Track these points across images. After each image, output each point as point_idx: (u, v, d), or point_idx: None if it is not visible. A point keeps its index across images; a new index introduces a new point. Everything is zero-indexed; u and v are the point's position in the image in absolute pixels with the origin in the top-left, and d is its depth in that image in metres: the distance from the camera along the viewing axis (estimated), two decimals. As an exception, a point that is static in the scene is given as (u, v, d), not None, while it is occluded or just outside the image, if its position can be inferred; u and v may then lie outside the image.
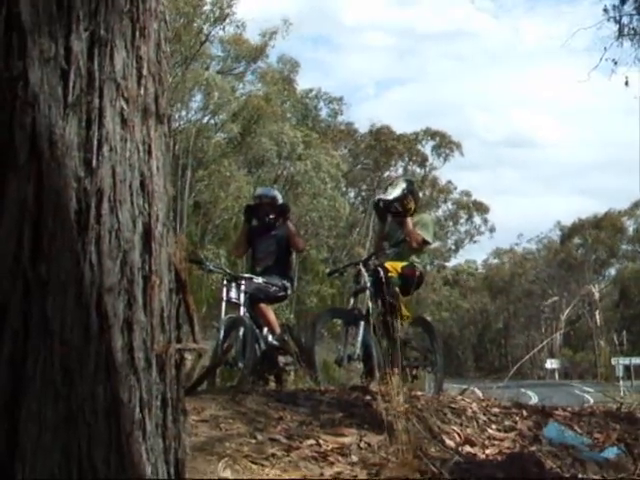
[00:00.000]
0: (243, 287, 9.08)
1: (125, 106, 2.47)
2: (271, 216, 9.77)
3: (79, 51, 2.40)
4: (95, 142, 2.38)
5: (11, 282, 2.27)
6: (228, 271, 10.20)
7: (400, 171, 64.41)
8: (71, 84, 2.38)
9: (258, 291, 9.23)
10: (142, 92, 2.53)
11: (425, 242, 9.59)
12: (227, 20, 44.68)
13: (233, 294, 9.07)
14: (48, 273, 2.28)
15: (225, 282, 9.31)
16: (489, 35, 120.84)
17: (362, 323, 8.50)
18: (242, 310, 8.91)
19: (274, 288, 9.46)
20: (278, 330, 9.21)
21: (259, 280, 9.29)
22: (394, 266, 9.12)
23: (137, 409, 2.36)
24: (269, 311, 9.40)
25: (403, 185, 9.71)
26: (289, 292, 9.96)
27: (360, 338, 8.47)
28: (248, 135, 48.46)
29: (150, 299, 2.44)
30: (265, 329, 9.19)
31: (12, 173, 2.31)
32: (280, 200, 10.24)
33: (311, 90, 59.87)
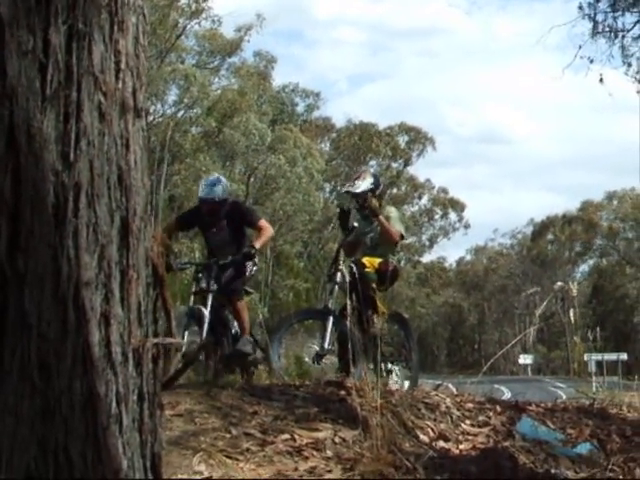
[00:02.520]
0: (214, 274, 8.87)
1: (103, 100, 2.46)
2: (219, 215, 9.31)
3: (57, 44, 2.39)
4: (73, 136, 2.38)
5: (-13, 275, 2.26)
6: (197, 262, 10.11)
7: (376, 167, 64.44)
8: (49, 77, 2.37)
9: (232, 280, 9.08)
10: (120, 86, 2.53)
11: (401, 237, 9.56)
12: (203, 15, 44.57)
13: (203, 283, 8.91)
14: (25, 267, 2.27)
15: (196, 274, 9.17)
16: (461, 32, 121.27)
17: (330, 318, 8.50)
18: (210, 299, 8.77)
19: (248, 268, 9.32)
20: (247, 333, 9.14)
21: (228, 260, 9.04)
22: (370, 262, 9.08)
23: (114, 403, 2.36)
24: (245, 311, 9.36)
25: (370, 179, 9.60)
26: (257, 261, 9.67)
27: (329, 333, 8.48)
28: (222, 129, 48.40)
29: (127, 293, 2.44)
30: (235, 324, 9.17)
31: (-11, 166, 2.30)
32: (223, 194, 9.47)
33: (288, 85, 59.90)
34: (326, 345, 8.41)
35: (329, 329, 8.48)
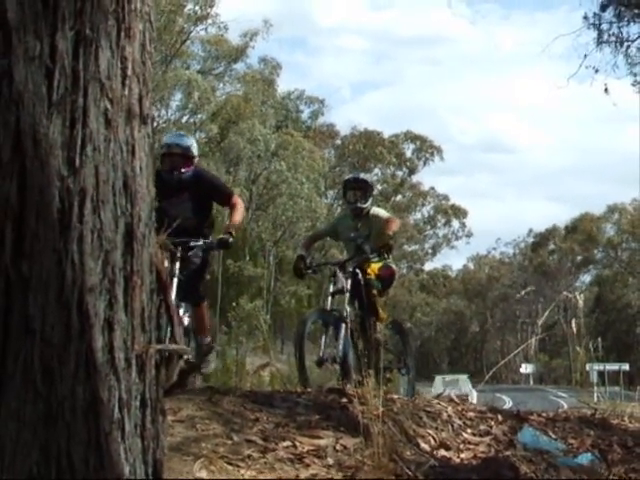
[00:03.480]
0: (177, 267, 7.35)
1: (109, 106, 2.47)
2: (182, 170, 7.92)
3: (64, 50, 2.40)
4: (79, 142, 2.38)
5: (-8, 280, 2.27)
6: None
7: (380, 174, 64.56)
8: (56, 83, 2.38)
9: (194, 275, 7.75)
10: (126, 92, 2.53)
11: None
12: (209, 20, 44.66)
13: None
14: (30, 271, 2.28)
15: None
16: (465, 41, 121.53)
17: (343, 325, 8.32)
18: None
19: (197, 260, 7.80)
20: (208, 337, 8.12)
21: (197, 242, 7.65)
22: (372, 268, 8.98)
23: (116, 409, 2.36)
24: (206, 314, 8.25)
25: (370, 198, 9.53)
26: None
27: (342, 340, 8.30)
28: (227, 135, 48.50)
29: (131, 299, 2.44)
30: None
31: (-5, 171, 2.31)
32: (196, 152, 8.30)
33: (293, 91, 60.04)
34: (340, 352, 8.23)
35: (342, 336, 8.33)
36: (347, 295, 8.66)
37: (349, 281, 8.74)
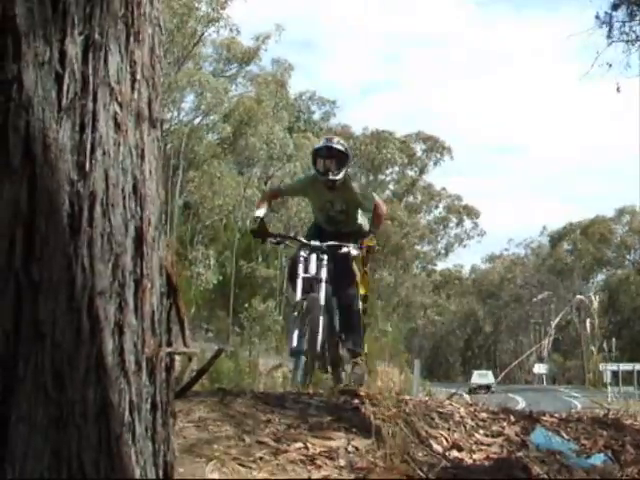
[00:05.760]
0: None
1: (119, 110, 2.48)
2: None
3: (74, 55, 2.41)
4: (88, 146, 2.39)
5: (3, 284, 2.27)
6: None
7: (392, 175, 64.51)
8: (65, 88, 2.39)
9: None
10: (136, 96, 2.54)
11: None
12: (221, 22, 44.78)
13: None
14: (40, 276, 2.28)
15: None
16: (476, 41, 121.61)
17: (321, 317, 7.68)
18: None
19: None
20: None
21: None
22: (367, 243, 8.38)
23: (127, 412, 2.37)
24: None
25: (344, 169, 8.51)
26: None
27: (321, 330, 7.66)
28: (239, 136, 48.60)
29: (141, 302, 2.45)
30: None
31: (5, 175, 2.31)
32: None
33: (305, 92, 60.11)
34: (319, 344, 7.65)
35: (322, 326, 7.68)
36: (322, 284, 7.93)
37: (324, 270, 8.02)
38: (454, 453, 5.28)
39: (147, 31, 2.61)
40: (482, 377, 69.70)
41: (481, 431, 5.84)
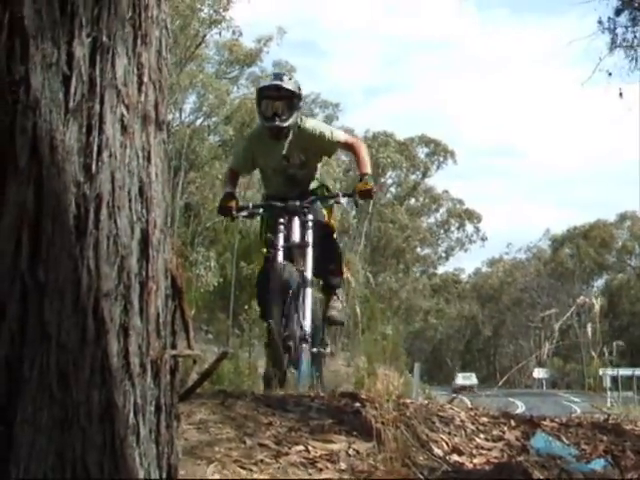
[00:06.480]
0: None
1: (125, 112, 2.48)
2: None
3: (81, 57, 2.42)
4: (95, 148, 2.40)
5: (9, 286, 2.28)
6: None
7: (394, 177, 64.50)
8: (72, 90, 2.40)
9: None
10: (142, 99, 2.55)
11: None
12: (223, 24, 44.83)
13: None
14: (46, 277, 2.29)
15: None
16: (476, 45, 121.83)
17: (309, 291, 6.88)
18: None
19: None
20: None
21: None
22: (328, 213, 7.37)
23: (131, 414, 2.37)
24: None
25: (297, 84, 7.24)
26: None
27: (308, 312, 6.81)
28: (241, 138, 48.63)
29: (146, 305, 2.45)
30: None
31: (12, 176, 2.33)
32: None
33: (308, 95, 60.14)
34: (307, 328, 6.82)
35: (308, 306, 6.88)
36: (309, 250, 6.99)
37: (310, 232, 7.02)
38: (454, 457, 5.28)
39: (154, 34, 2.62)
40: (466, 379, 74.36)
41: (482, 435, 5.83)
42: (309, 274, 6.84)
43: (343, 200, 7.29)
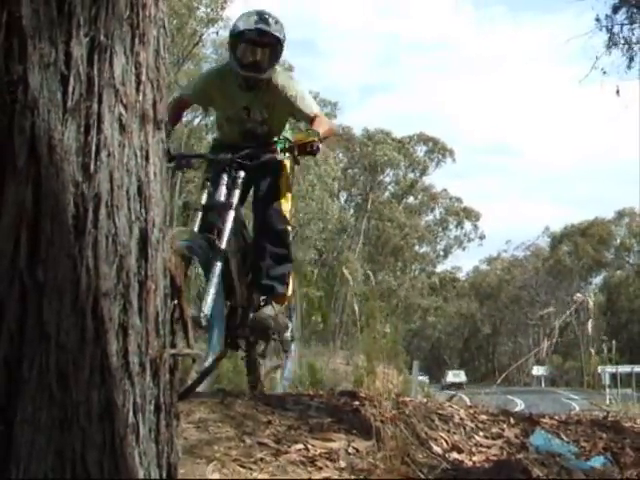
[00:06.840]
0: None
1: (124, 112, 2.48)
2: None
3: (79, 56, 2.42)
4: (93, 147, 2.40)
5: (8, 285, 2.28)
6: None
7: (392, 176, 64.49)
8: (70, 89, 2.39)
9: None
10: (140, 98, 2.55)
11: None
12: (221, 23, 44.78)
13: None
14: (45, 277, 2.29)
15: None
16: (473, 44, 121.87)
17: (218, 265, 5.93)
18: None
19: None
20: None
21: None
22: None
23: (131, 413, 2.37)
24: None
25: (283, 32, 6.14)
26: None
27: (212, 290, 5.93)
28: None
29: (145, 304, 2.45)
30: None
31: (11, 176, 2.32)
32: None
33: (307, 93, 60.17)
34: (207, 311, 5.96)
35: (215, 283, 5.97)
36: (232, 213, 6.04)
37: (237, 192, 6.10)
38: (454, 455, 5.28)
39: (152, 33, 2.62)
40: (455, 376, 76.31)
41: (481, 433, 5.84)
42: (223, 244, 5.88)
43: (280, 156, 6.16)
